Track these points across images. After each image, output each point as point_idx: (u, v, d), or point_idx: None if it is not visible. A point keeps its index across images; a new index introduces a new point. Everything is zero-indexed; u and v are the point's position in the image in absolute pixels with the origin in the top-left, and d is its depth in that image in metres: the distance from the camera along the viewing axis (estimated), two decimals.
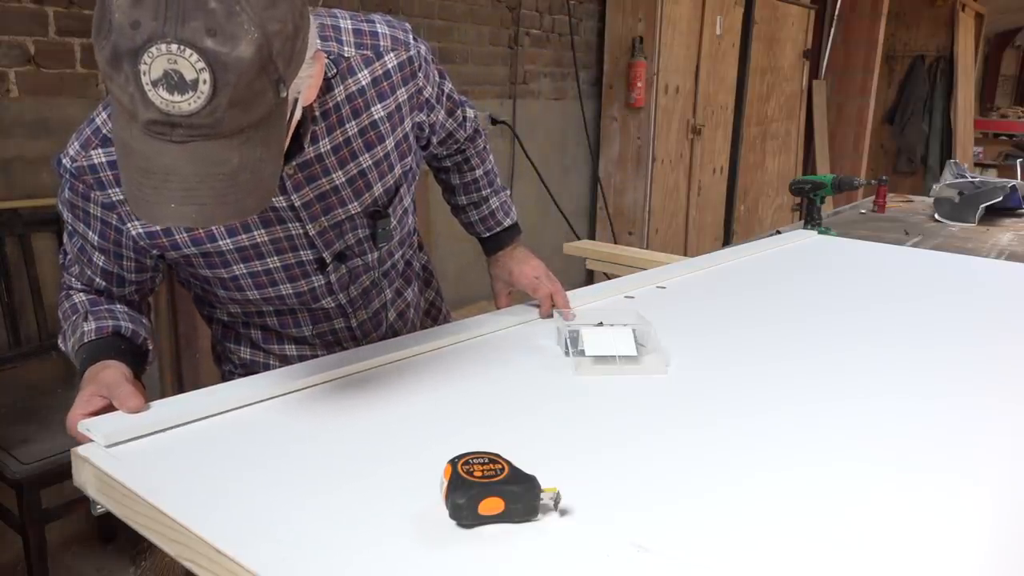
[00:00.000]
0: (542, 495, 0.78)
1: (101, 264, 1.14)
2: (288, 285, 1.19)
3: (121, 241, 1.11)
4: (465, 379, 1.14)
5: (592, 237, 4.62)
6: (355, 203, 1.17)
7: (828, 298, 1.63)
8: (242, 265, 1.15)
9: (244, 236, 1.12)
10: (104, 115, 1.06)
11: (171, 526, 0.77)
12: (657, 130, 4.44)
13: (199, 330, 2.53)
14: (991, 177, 4.81)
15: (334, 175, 1.13)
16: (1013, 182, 3.02)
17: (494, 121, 3.82)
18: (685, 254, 4.27)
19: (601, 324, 1.29)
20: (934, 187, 3.15)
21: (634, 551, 0.74)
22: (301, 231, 1.14)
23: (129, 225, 1.09)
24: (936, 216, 2.91)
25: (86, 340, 1.09)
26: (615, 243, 4.29)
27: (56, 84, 2.33)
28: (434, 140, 1.31)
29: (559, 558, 0.73)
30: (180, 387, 2.65)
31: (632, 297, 1.55)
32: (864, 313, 1.52)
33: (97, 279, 1.15)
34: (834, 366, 1.23)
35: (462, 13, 3.68)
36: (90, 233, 1.11)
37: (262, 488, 0.83)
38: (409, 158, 1.22)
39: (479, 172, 1.43)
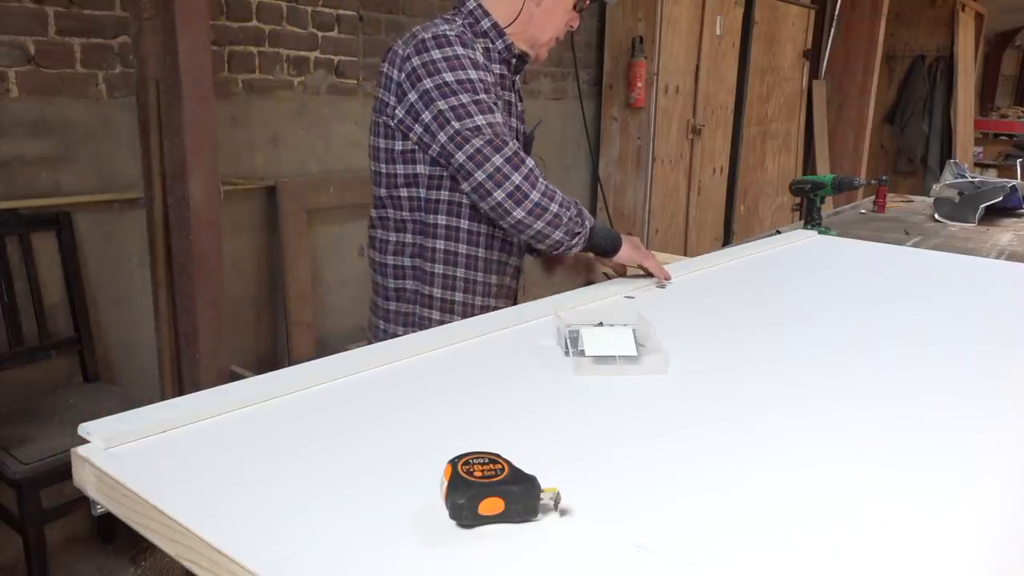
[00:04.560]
0: (542, 495, 0.78)
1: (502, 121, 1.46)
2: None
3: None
4: (465, 379, 1.14)
5: None
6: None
7: (828, 298, 1.63)
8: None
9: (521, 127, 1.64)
10: (445, 27, 1.46)
11: (171, 526, 0.77)
12: (657, 130, 4.44)
13: (199, 330, 2.53)
14: (991, 177, 4.82)
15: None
16: (1013, 182, 3.03)
17: None
18: (685, 254, 4.27)
19: (601, 324, 1.29)
20: (934, 187, 3.16)
21: (634, 551, 0.74)
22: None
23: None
24: (936, 216, 2.91)
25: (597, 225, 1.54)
26: None
27: (56, 84, 2.33)
28: None
29: (559, 558, 0.73)
30: (180, 387, 2.64)
31: (632, 297, 1.55)
32: (864, 313, 1.52)
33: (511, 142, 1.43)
34: (834, 366, 1.23)
35: None
36: (488, 78, 1.48)
37: (263, 488, 0.83)
38: None
39: None
